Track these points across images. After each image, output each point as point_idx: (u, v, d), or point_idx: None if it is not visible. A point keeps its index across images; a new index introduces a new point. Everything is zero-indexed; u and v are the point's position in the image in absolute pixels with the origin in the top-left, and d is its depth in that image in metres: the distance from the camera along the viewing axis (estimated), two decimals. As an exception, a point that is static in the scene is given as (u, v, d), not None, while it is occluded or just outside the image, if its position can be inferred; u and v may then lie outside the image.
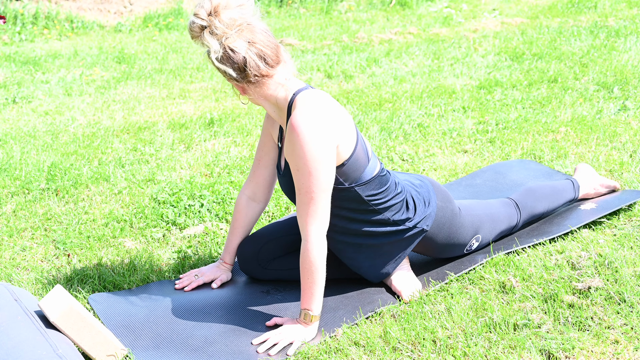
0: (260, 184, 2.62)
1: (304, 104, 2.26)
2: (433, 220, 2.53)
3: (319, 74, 5.62)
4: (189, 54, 6.82)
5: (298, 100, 2.27)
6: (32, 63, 6.54)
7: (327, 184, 2.25)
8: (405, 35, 6.99)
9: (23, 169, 3.79)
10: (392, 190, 2.45)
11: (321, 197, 2.25)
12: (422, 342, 2.22)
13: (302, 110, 2.23)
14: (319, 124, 2.23)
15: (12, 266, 2.86)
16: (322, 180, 2.23)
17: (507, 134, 3.94)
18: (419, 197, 2.53)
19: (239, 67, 2.20)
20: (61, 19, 8.36)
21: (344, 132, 2.30)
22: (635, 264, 2.50)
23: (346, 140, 2.30)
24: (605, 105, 4.26)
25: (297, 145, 2.20)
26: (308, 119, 2.21)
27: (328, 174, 2.25)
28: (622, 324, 2.23)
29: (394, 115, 4.39)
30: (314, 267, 2.27)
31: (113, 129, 4.51)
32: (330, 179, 2.26)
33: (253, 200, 2.65)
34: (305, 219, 2.26)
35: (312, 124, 2.21)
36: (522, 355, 2.13)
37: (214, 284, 2.66)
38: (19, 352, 2.00)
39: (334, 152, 2.26)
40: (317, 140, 2.21)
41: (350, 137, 2.32)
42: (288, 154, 2.26)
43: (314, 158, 2.21)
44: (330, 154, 2.25)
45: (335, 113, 2.30)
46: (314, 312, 2.31)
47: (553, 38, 6.15)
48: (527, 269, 2.55)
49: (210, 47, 2.18)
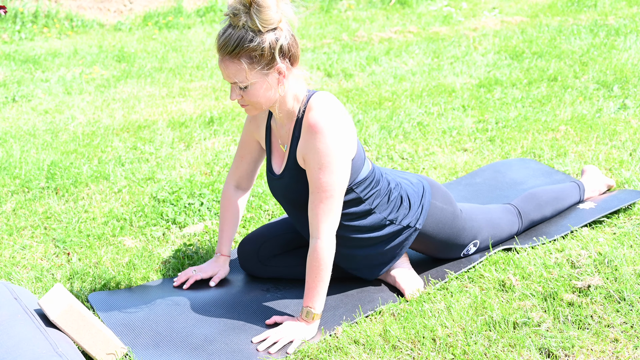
0: (244, 175, 2.66)
1: (321, 104, 2.26)
2: (426, 219, 2.52)
3: (318, 73, 5.62)
4: (189, 53, 6.82)
5: (313, 100, 2.27)
6: (31, 62, 6.54)
7: (345, 182, 2.28)
8: (405, 34, 6.99)
9: (23, 168, 3.78)
10: (384, 187, 2.46)
11: (338, 195, 2.27)
12: (421, 340, 2.22)
13: (322, 110, 2.24)
14: (341, 122, 2.25)
15: (12, 265, 2.86)
16: (343, 177, 2.26)
17: (507, 133, 3.94)
18: (414, 195, 2.53)
19: (282, 50, 2.19)
20: (61, 17, 8.36)
21: (352, 132, 2.32)
22: (635, 263, 2.50)
23: (353, 140, 2.32)
24: (605, 104, 4.26)
25: (321, 143, 2.21)
26: (330, 117, 2.22)
27: (348, 171, 2.28)
28: (621, 322, 2.23)
29: (393, 113, 4.39)
30: (322, 265, 2.27)
31: (113, 127, 4.51)
32: (348, 177, 2.29)
33: (239, 188, 2.69)
34: (320, 216, 2.26)
35: (335, 122, 2.23)
36: (522, 353, 2.13)
37: (212, 281, 2.65)
38: (18, 351, 2.00)
39: (351, 151, 2.29)
40: (341, 138, 2.23)
41: (355, 137, 2.34)
42: (309, 152, 2.25)
43: (339, 155, 2.23)
44: (350, 152, 2.28)
45: (345, 113, 2.32)
46: (316, 310, 2.31)
47: (553, 37, 6.15)
48: (526, 267, 2.55)
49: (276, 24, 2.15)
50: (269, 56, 2.17)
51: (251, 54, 2.16)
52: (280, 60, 2.19)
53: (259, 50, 2.15)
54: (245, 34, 2.14)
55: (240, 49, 2.15)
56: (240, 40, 2.14)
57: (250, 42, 2.14)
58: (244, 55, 2.16)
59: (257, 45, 2.14)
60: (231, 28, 2.16)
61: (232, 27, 2.16)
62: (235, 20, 2.14)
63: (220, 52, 2.19)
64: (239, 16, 2.12)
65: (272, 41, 2.15)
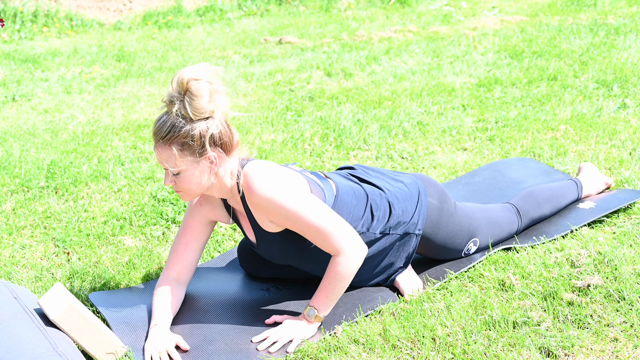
0: (186, 265, 2.48)
1: (252, 172, 2.27)
2: (424, 223, 2.52)
3: (318, 72, 5.61)
4: (189, 52, 6.82)
5: (247, 178, 2.27)
6: (31, 61, 6.54)
7: (322, 204, 2.28)
8: (404, 33, 6.99)
9: (22, 167, 3.78)
10: (362, 200, 2.44)
11: (326, 219, 2.25)
12: (421, 340, 2.22)
13: (253, 177, 2.25)
14: (273, 174, 2.27)
15: (12, 264, 2.86)
16: (316, 207, 2.25)
17: (507, 132, 3.94)
18: (409, 199, 2.51)
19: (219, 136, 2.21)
20: (61, 17, 8.36)
21: (293, 177, 2.32)
22: (634, 262, 2.50)
23: (298, 183, 2.32)
24: (604, 103, 4.26)
25: (275, 209, 2.23)
26: (267, 185, 2.24)
27: (313, 200, 2.27)
28: (621, 321, 2.23)
29: (393, 113, 4.39)
30: (340, 276, 2.27)
31: (112, 126, 4.51)
32: (318, 202, 2.28)
33: (179, 282, 2.47)
34: (330, 243, 2.26)
35: (273, 186, 2.24)
36: (522, 353, 2.13)
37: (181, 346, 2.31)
38: (18, 350, 2.00)
39: (301, 187, 2.29)
40: (283, 185, 2.25)
41: (300, 178, 2.34)
42: (271, 218, 2.28)
43: (296, 200, 2.23)
44: (301, 187, 2.29)
45: (277, 165, 2.33)
46: (320, 313, 2.31)
47: (553, 36, 6.15)
48: (526, 266, 2.55)
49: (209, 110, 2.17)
50: (199, 145, 2.19)
51: (182, 141, 2.18)
52: (211, 149, 2.21)
53: (189, 138, 2.17)
54: (177, 122, 2.17)
55: (172, 135, 2.18)
56: (171, 127, 2.17)
57: (181, 130, 2.16)
58: (175, 142, 2.18)
59: (187, 133, 2.17)
60: (166, 115, 2.19)
61: (167, 113, 2.19)
62: (170, 107, 2.17)
63: (154, 137, 2.23)
64: (174, 103, 2.16)
65: (202, 130, 2.17)
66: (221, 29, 8.02)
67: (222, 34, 7.73)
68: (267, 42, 7.07)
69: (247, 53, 6.61)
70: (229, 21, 8.54)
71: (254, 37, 7.35)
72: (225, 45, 7.09)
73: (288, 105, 4.76)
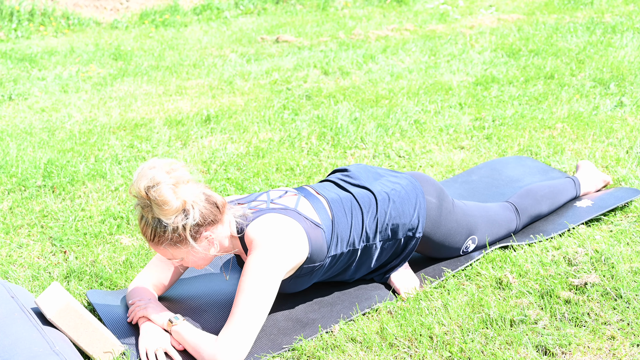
0: (165, 282, 2.52)
1: (256, 237, 2.25)
2: (424, 226, 2.52)
3: (315, 71, 5.61)
4: (185, 51, 6.81)
5: (252, 240, 2.26)
6: (28, 60, 6.53)
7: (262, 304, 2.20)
8: (401, 32, 6.99)
9: (19, 166, 3.78)
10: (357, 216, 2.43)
11: (251, 315, 2.17)
12: (418, 338, 2.22)
13: (257, 240, 2.25)
14: (274, 239, 2.26)
15: (9, 263, 2.85)
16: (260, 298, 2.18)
17: (504, 131, 3.94)
18: (407, 202, 2.50)
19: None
20: (57, 15, 8.34)
21: (291, 241, 2.27)
22: (631, 260, 2.51)
23: (299, 249, 2.28)
24: (601, 102, 4.27)
25: (250, 256, 2.24)
26: (265, 242, 2.24)
27: (269, 291, 2.21)
28: (618, 319, 2.24)
29: (390, 111, 4.39)
30: (201, 354, 2.16)
31: (109, 125, 4.50)
32: (269, 297, 2.21)
33: (156, 290, 2.51)
34: (228, 330, 2.16)
35: (268, 253, 2.22)
36: (519, 351, 2.13)
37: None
38: (15, 349, 2.00)
39: (288, 259, 2.26)
40: (274, 255, 2.23)
41: (303, 238, 2.29)
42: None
43: (263, 275, 2.20)
44: (286, 261, 2.25)
45: (286, 232, 2.27)
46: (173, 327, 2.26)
47: (549, 34, 6.15)
48: (523, 265, 2.55)
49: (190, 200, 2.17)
50: (188, 234, 2.20)
51: (169, 238, 2.19)
52: (201, 230, 2.22)
53: (175, 234, 2.18)
54: (156, 225, 2.17)
55: (158, 239, 2.19)
56: (154, 231, 2.18)
57: (164, 232, 2.17)
58: (163, 242, 2.20)
59: (171, 233, 2.18)
60: (144, 220, 2.19)
61: (144, 218, 2.19)
62: (145, 212, 2.17)
63: (144, 237, 2.26)
64: (147, 209, 2.15)
65: (184, 223, 2.17)
66: (218, 28, 8.02)
67: (219, 32, 7.73)
68: (264, 41, 7.07)
69: (244, 52, 6.60)
70: (226, 20, 8.53)
71: (251, 36, 7.35)
72: (222, 44, 7.09)
73: (285, 104, 4.76)
